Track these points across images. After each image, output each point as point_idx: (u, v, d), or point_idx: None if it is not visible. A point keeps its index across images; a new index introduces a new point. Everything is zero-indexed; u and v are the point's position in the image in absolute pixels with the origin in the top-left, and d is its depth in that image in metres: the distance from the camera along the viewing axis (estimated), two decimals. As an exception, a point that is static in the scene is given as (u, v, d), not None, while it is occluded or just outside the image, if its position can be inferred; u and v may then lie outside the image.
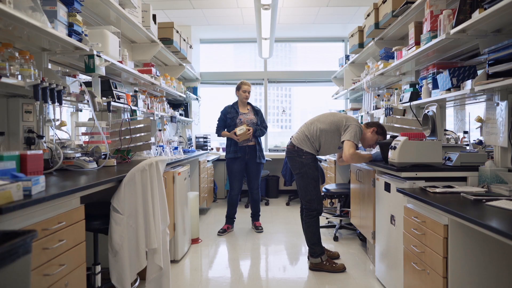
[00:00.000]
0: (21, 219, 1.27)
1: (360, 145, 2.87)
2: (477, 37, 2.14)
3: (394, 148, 2.24)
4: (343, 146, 2.69)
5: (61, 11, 2.08)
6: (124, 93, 3.01)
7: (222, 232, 3.89)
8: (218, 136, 4.04)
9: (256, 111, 4.02)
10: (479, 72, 2.23)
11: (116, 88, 2.88)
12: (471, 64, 2.42)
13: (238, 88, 3.98)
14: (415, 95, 2.94)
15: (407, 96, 3.05)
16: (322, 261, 2.83)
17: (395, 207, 2.26)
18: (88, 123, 2.73)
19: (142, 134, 2.83)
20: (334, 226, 3.89)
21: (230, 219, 4.04)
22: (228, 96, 6.22)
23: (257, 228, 4.00)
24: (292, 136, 2.94)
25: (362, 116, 4.57)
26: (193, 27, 5.63)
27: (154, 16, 3.62)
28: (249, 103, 4.05)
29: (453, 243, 1.57)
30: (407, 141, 2.20)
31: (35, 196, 1.33)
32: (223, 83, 6.37)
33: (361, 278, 2.70)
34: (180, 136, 5.29)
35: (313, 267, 2.86)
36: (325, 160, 4.75)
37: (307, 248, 2.93)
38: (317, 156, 2.88)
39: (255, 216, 4.06)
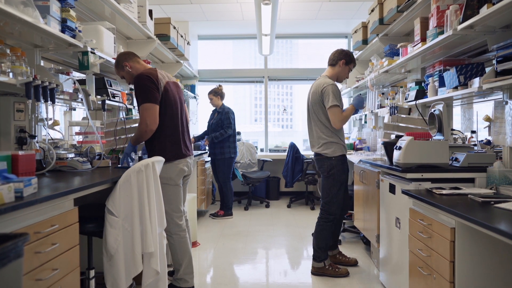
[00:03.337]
0: (12, 222, 1.25)
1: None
2: (485, 33, 2.10)
3: (399, 148, 2.20)
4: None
5: (54, 6, 2.06)
6: (119, 91, 2.97)
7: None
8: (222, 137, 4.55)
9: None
10: (487, 69, 2.19)
11: (111, 86, 2.84)
12: (479, 61, 2.37)
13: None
14: (421, 93, 2.91)
15: (412, 94, 3.02)
16: (325, 265, 2.76)
17: (400, 209, 2.22)
18: (82, 123, 2.69)
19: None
20: (336, 228, 3.84)
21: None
22: (227, 94, 6.15)
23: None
24: (312, 145, 2.81)
25: (366, 115, 4.52)
26: (190, 23, 5.56)
27: (150, 12, 3.55)
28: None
29: (461, 247, 1.54)
30: (413, 141, 2.15)
31: (27, 198, 1.31)
32: (222, 81, 6.28)
33: (365, 283, 2.66)
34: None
35: (315, 272, 2.79)
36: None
37: (313, 251, 2.84)
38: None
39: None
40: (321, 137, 2.71)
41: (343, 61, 2.72)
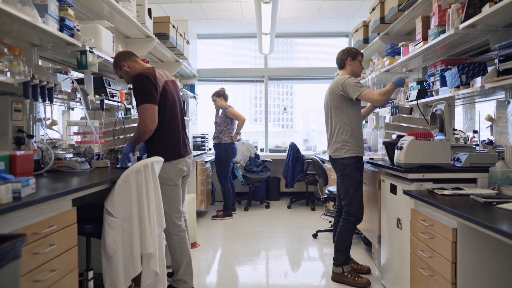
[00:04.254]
0: (10, 223, 1.24)
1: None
2: (487, 32, 2.09)
3: (401, 148, 2.18)
4: (363, 101, 2.57)
5: (52, 5, 2.04)
6: (118, 90, 2.95)
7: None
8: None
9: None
10: (490, 68, 2.17)
11: (109, 85, 2.82)
12: (481, 61, 2.36)
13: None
14: (423, 93, 2.89)
15: (414, 93, 3.00)
16: (343, 271, 2.64)
17: (401, 210, 2.20)
18: (80, 122, 2.67)
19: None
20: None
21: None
22: (228, 94, 6.13)
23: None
24: (328, 149, 2.77)
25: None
26: (190, 22, 5.53)
27: (149, 10, 3.52)
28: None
29: (462, 248, 1.52)
30: (414, 141, 2.13)
31: (25, 199, 1.30)
32: (222, 81, 6.27)
33: (365, 283, 2.63)
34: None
35: (334, 278, 2.69)
36: (328, 161, 4.67)
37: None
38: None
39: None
40: (337, 136, 2.63)
41: (349, 58, 2.70)
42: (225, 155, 4.60)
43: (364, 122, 4.83)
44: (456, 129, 2.83)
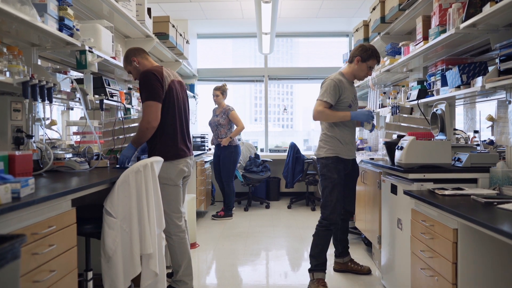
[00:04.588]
0: (9, 223, 1.23)
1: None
2: (488, 32, 2.08)
3: (401, 148, 2.18)
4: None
5: (51, 4, 2.03)
6: (117, 90, 2.94)
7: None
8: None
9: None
10: (490, 68, 2.16)
11: (109, 85, 2.81)
12: (482, 60, 2.35)
13: None
14: (423, 93, 2.88)
15: (414, 93, 2.99)
16: (313, 278, 2.53)
17: (402, 210, 2.19)
18: (80, 122, 2.66)
19: (137, 133, 2.74)
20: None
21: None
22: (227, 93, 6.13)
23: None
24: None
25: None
26: (190, 21, 5.53)
27: (149, 10, 3.52)
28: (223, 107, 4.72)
29: (463, 248, 1.52)
30: (415, 141, 2.13)
31: (24, 199, 1.30)
32: (222, 80, 6.24)
33: (366, 285, 2.64)
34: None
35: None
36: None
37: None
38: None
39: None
40: (322, 134, 2.61)
41: (358, 58, 2.49)
42: (235, 154, 4.63)
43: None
44: (456, 129, 2.81)
